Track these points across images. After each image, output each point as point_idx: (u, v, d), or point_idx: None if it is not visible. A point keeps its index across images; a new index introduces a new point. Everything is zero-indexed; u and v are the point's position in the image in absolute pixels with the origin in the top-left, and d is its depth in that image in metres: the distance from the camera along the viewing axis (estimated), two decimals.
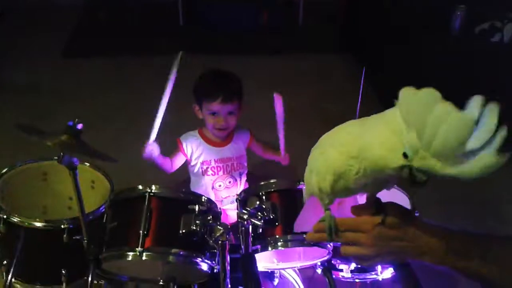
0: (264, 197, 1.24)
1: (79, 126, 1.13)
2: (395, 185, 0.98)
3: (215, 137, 1.74)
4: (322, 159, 0.74)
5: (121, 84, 3.27)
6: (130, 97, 3.06)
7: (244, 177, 1.82)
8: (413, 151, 0.60)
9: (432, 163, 0.59)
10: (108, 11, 4.28)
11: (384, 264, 1.31)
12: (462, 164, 0.58)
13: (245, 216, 1.15)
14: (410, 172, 0.62)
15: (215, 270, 1.21)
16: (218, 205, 1.33)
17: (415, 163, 0.61)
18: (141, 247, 1.13)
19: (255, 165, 1.96)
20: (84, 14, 4.27)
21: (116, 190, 1.35)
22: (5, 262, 1.33)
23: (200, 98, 1.67)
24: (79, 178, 1.16)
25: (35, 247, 1.34)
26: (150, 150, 1.56)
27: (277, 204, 1.22)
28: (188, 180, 1.84)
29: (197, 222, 1.16)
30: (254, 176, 1.86)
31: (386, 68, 3.01)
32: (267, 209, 1.19)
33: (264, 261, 1.31)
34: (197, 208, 1.19)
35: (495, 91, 2.59)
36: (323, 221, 0.76)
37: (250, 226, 1.16)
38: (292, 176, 1.70)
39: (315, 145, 0.79)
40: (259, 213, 1.17)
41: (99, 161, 1.38)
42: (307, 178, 0.80)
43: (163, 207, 1.22)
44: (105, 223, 1.25)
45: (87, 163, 1.50)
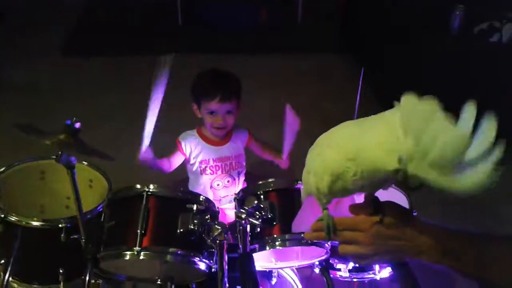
0: (262, 197, 1.24)
1: (77, 125, 1.13)
2: (393, 185, 0.97)
3: (214, 136, 1.74)
4: (320, 160, 0.74)
5: (121, 83, 3.27)
6: (130, 96, 3.05)
7: (243, 176, 1.82)
8: (409, 157, 0.61)
9: (426, 172, 0.60)
10: (108, 11, 4.28)
11: (382, 263, 1.31)
12: (455, 177, 0.58)
13: (243, 216, 1.15)
14: (405, 176, 0.63)
15: (213, 270, 1.21)
16: (216, 204, 1.33)
17: (410, 169, 0.61)
18: (139, 246, 1.13)
19: (254, 165, 1.96)
20: (84, 14, 4.26)
21: (114, 189, 1.35)
22: (3, 261, 1.32)
23: (198, 97, 1.67)
24: (77, 177, 1.15)
25: (33, 246, 1.34)
26: (145, 156, 1.56)
27: (275, 204, 1.22)
28: (186, 179, 1.84)
29: (195, 221, 1.16)
30: (253, 176, 1.86)
31: (386, 68, 3.01)
32: (265, 209, 1.20)
33: (262, 261, 1.31)
34: (195, 207, 1.19)
35: (494, 91, 2.60)
36: (321, 220, 0.76)
37: (248, 226, 1.16)
38: (290, 176, 1.70)
39: (313, 146, 0.79)
40: (257, 213, 1.18)
41: (97, 160, 1.37)
42: (305, 178, 0.80)
43: (161, 206, 1.22)
44: (103, 222, 1.25)
45: (85, 162, 1.49)
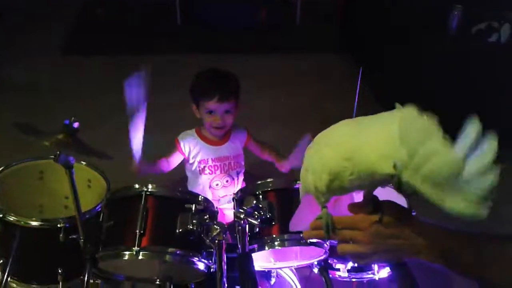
0: (261, 196, 1.24)
1: (76, 125, 1.13)
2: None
3: (212, 136, 1.74)
4: (318, 158, 0.74)
5: (120, 83, 3.26)
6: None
7: (242, 176, 1.82)
8: (403, 166, 0.61)
9: (419, 184, 0.60)
10: (107, 10, 4.27)
11: (381, 263, 1.31)
12: (448, 195, 0.58)
13: (242, 215, 1.14)
14: (399, 182, 0.63)
15: (212, 270, 1.21)
16: (215, 204, 1.33)
17: (404, 176, 0.61)
18: (138, 246, 1.13)
19: (253, 164, 1.96)
20: (83, 13, 4.26)
21: (113, 189, 1.35)
22: (1, 261, 1.32)
23: (197, 97, 1.67)
24: (76, 177, 1.15)
25: (31, 246, 1.34)
26: (142, 169, 1.56)
27: (274, 203, 1.22)
28: (185, 179, 1.84)
29: (194, 221, 1.16)
30: (251, 175, 1.85)
31: (385, 68, 3.01)
32: (264, 208, 1.20)
33: (261, 261, 1.31)
34: (194, 207, 1.19)
35: (492, 91, 2.60)
36: (320, 219, 0.76)
37: (247, 225, 1.16)
38: (289, 176, 1.70)
39: (311, 144, 0.79)
40: (256, 212, 1.18)
41: (96, 160, 1.37)
42: (303, 177, 0.80)
43: (160, 206, 1.22)
44: (102, 222, 1.25)
45: (84, 162, 1.49)
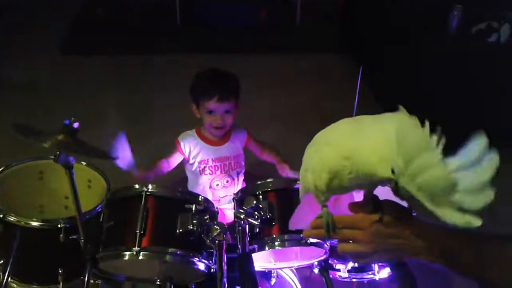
0: (261, 197, 1.24)
1: (75, 125, 1.12)
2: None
3: (212, 136, 1.74)
4: (317, 157, 0.74)
5: (120, 83, 3.26)
6: (129, 96, 3.05)
7: (242, 176, 1.82)
8: (399, 172, 0.61)
9: (414, 190, 0.60)
10: (107, 10, 4.27)
11: (381, 262, 1.31)
12: (443, 204, 0.59)
13: (242, 216, 1.14)
14: (396, 186, 0.63)
15: (212, 270, 1.21)
16: (216, 205, 1.33)
17: (400, 182, 0.62)
18: (138, 247, 1.13)
19: (253, 164, 1.96)
20: (83, 13, 4.25)
21: (113, 189, 1.34)
22: (2, 262, 1.32)
23: (197, 97, 1.67)
24: (76, 177, 1.15)
25: (32, 247, 1.34)
26: (139, 175, 1.56)
27: (274, 204, 1.22)
28: (185, 179, 1.84)
29: (194, 222, 1.16)
30: (252, 176, 1.86)
31: (385, 68, 3.01)
32: (264, 209, 1.19)
33: (261, 261, 1.31)
34: (194, 208, 1.19)
35: (492, 91, 2.59)
36: (320, 218, 0.76)
37: (247, 226, 1.16)
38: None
39: (310, 143, 0.79)
40: (256, 213, 1.17)
41: (96, 160, 1.37)
42: (303, 176, 0.80)
43: (160, 207, 1.22)
44: (102, 223, 1.25)
45: (84, 162, 1.49)
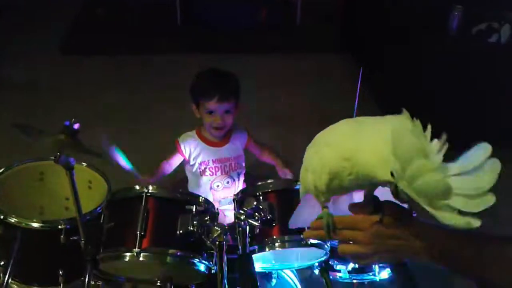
0: (261, 198, 1.24)
1: (76, 126, 1.12)
2: None
3: (213, 137, 1.74)
4: (317, 158, 0.75)
5: (120, 83, 3.26)
6: (129, 96, 3.05)
7: (242, 177, 1.82)
8: (398, 176, 0.61)
9: (413, 194, 0.60)
10: (107, 10, 4.27)
11: (381, 263, 1.31)
12: (439, 209, 0.58)
13: (242, 217, 1.15)
14: (396, 189, 0.63)
15: (213, 271, 1.21)
16: (216, 206, 1.33)
17: (400, 185, 0.62)
18: (138, 248, 1.13)
19: (253, 165, 1.96)
20: (83, 12, 4.25)
21: (113, 190, 1.34)
22: (2, 263, 1.32)
23: (197, 97, 1.68)
24: (76, 178, 1.15)
25: (32, 248, 1.33)
26: (142, 179, 1.58)
27: (274, 205, 1.22)
28: (185, 180, 1.84)
29: (195, 223, 1.16)
30: (252, 176, 1.86)
31: (385, 68, 3.01)
32: (264, 210, 1.19)
33: (262, 262, 1.31)
34: (195, 209, 1.19)
35: (492, 92, 2.59)
36: (321, 219, 0.76)
37: (247, 227, 1.16)
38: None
39: (310, 144, 0.79)
40: (256, 214, 1.17)
41: (96, 160, 1.37)
42: (303, 176, 0.81)
43: (160, 208, 1.22)
44: (102, 224, 1.25)
45: (84, 163, 1.49)
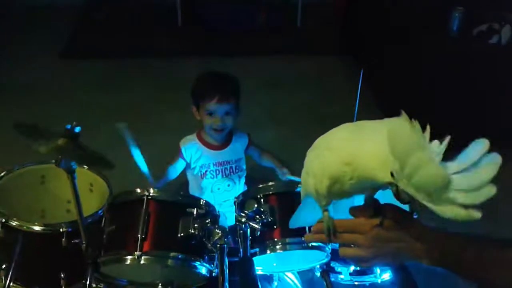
0: (262, 200, 1.24)
1: (77, 129, 1.12)
2: None
3: (213, 140, 1.74)
4: (318, 162, 0.75)
5: (121, 85, 3.26)
6: (129, 98, 3.05)
7: (243, 180, 1.82)
8: (398, 176, 0.62)
9: (413, 191, 0.60)
10: (107, 11, 4.27)
11: (382, 266, 1.31)
12: (439, 203, 0.59)
13: (243, 219, 1.15)
14: (397, 190, 0.63)
15: (214, 274, 1.21)
16: (217, 208, 1.33)
17: (400, 185, 0.62)
18: (139, 251, 1.13)
19: (254, 168, 1.96)
20: (83, 15, 4.26)
21: (114, 193, 1.35)
22: (4, 266, 1.32)
23: (197, 99, 1.68)
24: (78, 181, 1.15)
25: (34, 251, 1.34)
26: (156, 184, 1.60)
27: (275, 207, 1.22)
28: (187, 183, 1.84)
29: (196, 226, 1.16)
30: (253, 179, 1.86)
31: (386, 69, 3.01)
32: (265, 212, 1.20)
33: (263, 264, 1.31)
34: (196, 212, 1.19)
35: (493, 92, 2.59)
36: (321, 222, 0.77)
37: (248, 229, 1.16)
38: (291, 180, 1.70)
39: (311, 147, 0.79)
40: (257, 216, 1.18)
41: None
42: (304, 179, 0.81)
43: (161, 211, 1.22)
44: (104, 227, 1.25)
45: (86, 166, 1.49)
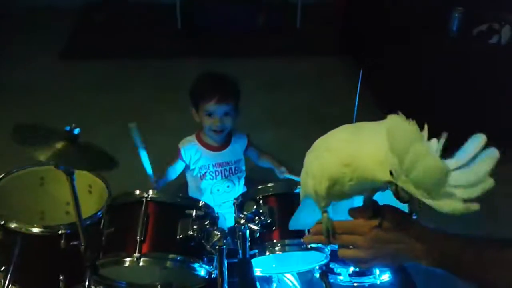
0: (262, 201, 1.24)
1: (76, 131, 1.12)
2: None
3: (213, 141, 1.74)
4: (318, 163, 0.75)
5: (120, 87, 3.27)
6: (129, 100, 3.05)
7: (242, 181, 1.82)
8: (397, 173, 0.62)
9: (412, 188, 0.60)
10: (107, 13, 4.28)
11: (382, 267, 1.31)
12: (438, 198, 0.59)
13: (242, 221, 1.14)
14: (396, 189, 0.63)
15: (213, 275, 1.21)
16: (216, 210, 1.33)
17: (399, 183, 0.62)
18: (138, 253, 1.13)
19: (253, 169, 1.96)
20: (83, 16, 4.26)
21: (113, 195, 1.34)
22: (3, 268, 1.32)
23: (196, 100, 1.68)
24: (76, 183, 1.15)
25: (33, 253, 1.34)
26: (156, 184, 1.60)
27: (275, 208, 1.22)
28: (186, 184, 1.84)
29: (195, 227, 1.16)
30: (252, 180, 1.86)
31: (386, 69, 3.01)
32: (265, 213, 1.20)
33: (262, 266, 1.31)
34: (194, 213, 1.19)
35: (493, 92, 2.59)
36: (321, 224, 0.76)
37: (247, 231, 1.16)
38: (290, 180, 1.70)
39: (310, 149, 0.79)
40: (257, 218, 1.18)
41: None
42: (303, 180, 0.81)
43: (160, 212, 1.22)
44: (102, 229, 1.25)
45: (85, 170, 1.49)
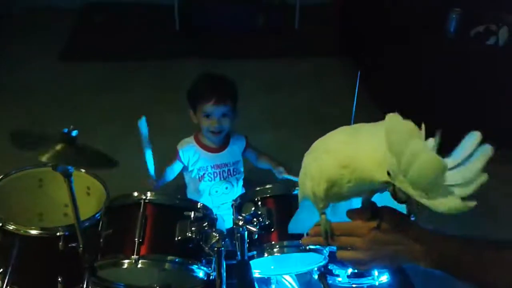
0: (260, 203, 1.24)
1: (74, 133, 1.12)
2: None
3: (211, 143, 1.74)
4: (316, 165, 0.75)
5: (119, 88, 3.26)
6: (128, 101, 3.05)
7: (241, 183, 1.82)
8: (395, 173, 0.62)
9: (409, 188, 0.60)
10: (106, 14, 4.28)
11: (380, 269, 1.31)
12: (436, 198, 0.59)
13: (241, 222, 1.14)
14: (394, 189, 0.64)
15: (211, 277, 1.21)
16: (215, 211, 1.33)
17: (397, 183, 0.62)
18: (137, 255, 1.13)
19: (252, 170, 1.96)
20: (83, 17, 4.26)
21: (111, 197, 1.34)
22: (1, 270, 1.32)
23: (194, 101, 1.68)
24: (75, 184, 1.15)
25: (31, 255, 1.33)
26: (156, 184, 1.60)
27: (273, 210, 1.22)
28: (184, 186, 1.84)
29: (193, 229, 1.16)
30: (251, 182, 1.86)
31: (385, 69, 3.01)
32: (263, 215, 1.19)
33: (261, 267, 1.31)
34: (193, 215, 1.19)
35: (491, 93, 2.59)
36: (319, 225, 0.76)
37: (246, 232, 1.16)
38: (288, 182, 1.70)
39: (309, 150, 0.79)
40: (255, 219, 1.17)
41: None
42: (302, 181, 0.81)
43: (159, 214, 1.21)
44: (101, 230, 1.25)
45: (83, 169, 1.49)
